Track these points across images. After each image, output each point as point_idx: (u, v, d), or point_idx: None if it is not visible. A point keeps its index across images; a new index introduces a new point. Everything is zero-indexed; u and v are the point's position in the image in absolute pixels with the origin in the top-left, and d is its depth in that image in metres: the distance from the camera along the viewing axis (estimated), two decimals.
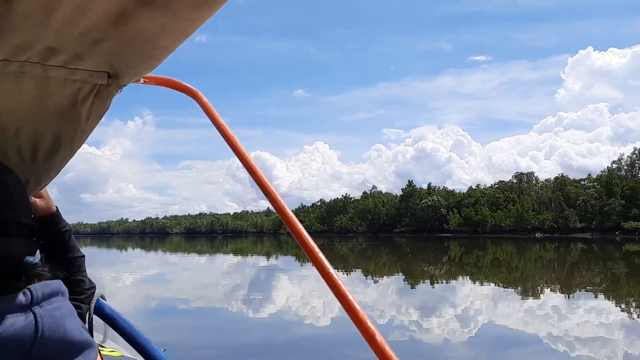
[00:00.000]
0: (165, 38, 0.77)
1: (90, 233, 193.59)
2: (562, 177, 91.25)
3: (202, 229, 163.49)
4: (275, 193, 1.02)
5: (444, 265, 27.65)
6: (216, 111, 1.21)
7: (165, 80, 1.23)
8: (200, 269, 28.28)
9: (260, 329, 9.33)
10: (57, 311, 0.59)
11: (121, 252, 51.44)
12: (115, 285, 16.22)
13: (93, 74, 0.86)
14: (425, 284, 18.17)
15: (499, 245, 50.32)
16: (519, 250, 42.04)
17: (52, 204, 1.21)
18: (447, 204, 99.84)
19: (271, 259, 37.37)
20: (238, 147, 1.13)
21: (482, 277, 21.04)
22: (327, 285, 0.86)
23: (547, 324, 10.14)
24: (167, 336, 7.84)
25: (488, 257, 34.48)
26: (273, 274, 23.12)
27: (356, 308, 0.80)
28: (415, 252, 42.84)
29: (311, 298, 13.65)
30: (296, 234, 0.95)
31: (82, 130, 0.98)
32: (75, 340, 0.60)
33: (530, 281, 18.91)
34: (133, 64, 0.86)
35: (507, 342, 8.86)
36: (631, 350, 8.09)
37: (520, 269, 25.62)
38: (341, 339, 8.00)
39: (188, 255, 42.49)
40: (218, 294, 14.52)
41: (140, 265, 30.64)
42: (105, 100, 0.94)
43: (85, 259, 1.24)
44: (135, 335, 1.22)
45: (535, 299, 14.05)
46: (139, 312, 10.84)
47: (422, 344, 8.36)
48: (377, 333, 0.77)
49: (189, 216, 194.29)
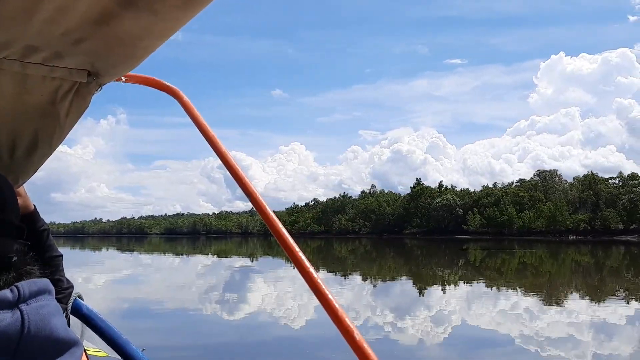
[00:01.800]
0: (147, 38, 0.83)
1: (63, 233, 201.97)
2: (592, 175, 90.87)
3: (183, 230, 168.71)
4: (257, 193, 1.13)
5: (468, 271, 26.97)
6: (197, 110, 1.33)
7: (146, 79, 1.36)
8: (184, 271, 28.75)
9: (252, 331, 9.98)
10: (44, 309, 0.64)
11: (95, 253, 52.34)
12: (88, 287, 17.02)
13: (73, 72, 0.92)
14: (458, 292, 17.52)
15: (530, 248, 49.52)
16: (553, 254, 41.16)
17: (30, 203, 1.26)
18: (462, 203, 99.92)
19: (259, 260, 37.64)
20: (219, 146, 1.24)
21: (521, 285, 20.02)
22: (307, 283, 0.95)
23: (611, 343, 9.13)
24: (148, 337, 8.54)
25: (523, 262, 33.63)
26: (263, 276, 23.40)
27: (335, 307, 0.88)
28: (433, 256, 42.04)
29: (301, 300, 14.07)
30: (276, 234, 1.05)
31: (61, 128, 1.05)
32: (62, 338, 0.64)
33: (594, 292, 17.59)
34: (114, 63, 0.93)
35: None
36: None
37: (563, 275, 24.68)
38: (318, 341, 8.75)
39: (165, 257, 43.13)
40: (207, 297, 15.25)
41: (119, 266, 31.45)
42: (85, 99, 1.01)
43: (63, 259, 1.34)
44: (114, 335, 1.29)
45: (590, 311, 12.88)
46: (122, 314, 11.69)
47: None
48: (356, 331, 0.85)
49: (167, 216, 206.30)
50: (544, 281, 20.69)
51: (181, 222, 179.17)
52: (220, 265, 32.62)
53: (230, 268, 29.87)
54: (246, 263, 34.38)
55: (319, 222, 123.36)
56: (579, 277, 22.88)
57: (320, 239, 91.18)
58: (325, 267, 27.78)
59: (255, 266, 31.34)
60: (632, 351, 8.39)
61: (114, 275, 24.10)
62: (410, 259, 37.69)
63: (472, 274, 24.47)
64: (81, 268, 26.61)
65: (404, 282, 21.16)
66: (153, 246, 71.83)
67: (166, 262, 36.31)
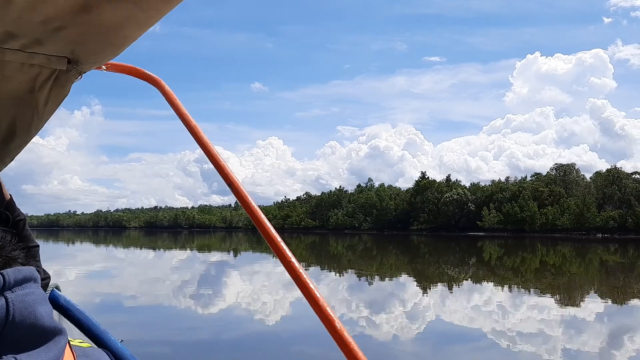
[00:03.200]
0: (127, 28, 0.89)
1: (37, 226, 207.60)
2: (616, 170, 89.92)
3: (163, 224, 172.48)
4: (238, 183, 1.20)
5: (486, 270, 25.84)
6: (179, 100, 1.39)
7: (128, 68, 1.42)
8: (167, 266, 28.77)
9: (238, 325, 10.85)
10: (29, 297, 0.66)
11: (69, 246, 53.78)
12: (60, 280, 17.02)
13: (52, 59, 0.96)
14: (473, 292, 17.06)
15: (554, 246, 48.86)
16: (581, 253, 40.27)
17: (6, 192, 1.33)
18: (474, 198, 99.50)
19: (249, 255, 38.29)
20: (201, 136, 1.30)
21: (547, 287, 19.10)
22: (288, 273, 1.03)
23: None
24: (132, 330, 9.50)
25: (544, 261, 32.93)
26: (259, 270, 24.11)
27: (317, 296, 0.97)
28: (442, 253, 40.93)
29: (291, 294, 14.36)
30: (258, 223, 1.11)
31: (40, 117, 1.09)
32: (47, 326, 0.67)
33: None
34: (94, 52, 0.97)
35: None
36: None
37: (593, 276, 23.68)
38: (299, 335, 9.60)
39: (143, 251, 44.02)
40: (195, 293, 15.94)
41: (95, 259, 32.43)
42: (64, 87, 1.05)
43: (39, 249, 1.41)
44: (92, 327, 1.35)
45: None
46: (101, 307, 12.57)
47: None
48: (337, 320, 0.93)
49: (144, 209, 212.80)
50: (572, 282, 19.41)
51: (161, 215, 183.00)
52: (203, 260, 32.67)
53: (215, 263, 30.27)
54: (227, 257, 34.61)
55: (313, 217, 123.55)
56: (615, 279, 21.67)
57: (315, 235, 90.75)
58: (320, 264, 26.78)
59: (243, 261, 31.73)
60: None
61: (89, 268, 24.61)
62: (416, 256, 37.00)
63: (488, 274, 23.76)
64: (56, 261, 27.22)
65: (407, 280, 20.35)
66: (132, 240, 74.38)
67: (145, 257, 36.80)
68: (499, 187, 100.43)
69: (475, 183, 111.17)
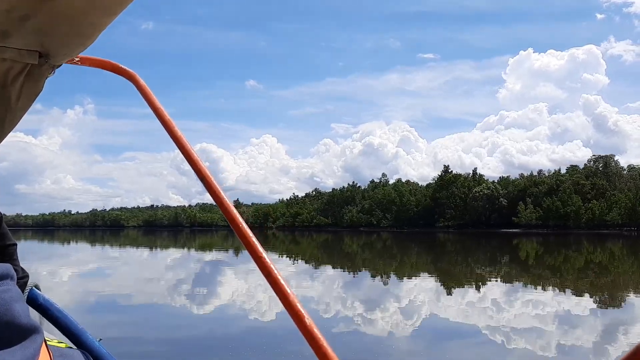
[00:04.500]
0: (93, 14, 0.90)
1: (32, 225, 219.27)
2: None
3: (163, 222, 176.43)
4: (212, 178, 1.25)
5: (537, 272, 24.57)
6: (154, 95, 1.44)
7: (101, 61, 1.46)
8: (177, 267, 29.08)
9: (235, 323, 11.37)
10: (6, 294, 0.68)
11: (64, 246, 54.70)
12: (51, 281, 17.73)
13: (23, 53, 0.96)
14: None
15: (605, 244, 47.61)
16: (634, 251, 39.03)
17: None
18: (506, 193, 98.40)
19: (245, 255, 37.55)
20: (175, 132, 1.36)
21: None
22: (259, 268, 1.07)
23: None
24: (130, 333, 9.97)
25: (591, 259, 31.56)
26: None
27: (287, 292, 1.02)
28: (490, 257, 39.53)
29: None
30: (231, 219, 1.18)
31: (13, 113, 1.05)
32: (23, 324, 0.69)
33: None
34: (63, 42, 0.98)
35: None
36: None
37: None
38: (281, 335, 9.71)
39: (140, 250, 44.85)
40: (199, 294, 16.00)
41: (90, 259, 32.71)
42: (38, 82, 1.03)
43: (17, 247, 1.39)
44: (70, 325, 1.39)
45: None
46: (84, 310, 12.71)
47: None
48: (307, 316, 0.98)
49: (142, 208, 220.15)
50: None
51: (160, 214, 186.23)
52: (202, 260, 32.93)
53: (212, 262, 30.58)
54: (226, 257, 34.32)
55: (325, 214, 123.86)
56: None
57: (328, 233, 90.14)
58: (332, 263, 25.63)
59: (243, 261, 30.75)
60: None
61: (86, 268, 24.95)
62: (442, 254, 35.94)
63: (525, 274, 22.89)
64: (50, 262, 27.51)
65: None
66: (131, 239, 75.40)
67: (141, 256, 37.06)
68: (532, 181, 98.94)
69: (505, 177, 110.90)
